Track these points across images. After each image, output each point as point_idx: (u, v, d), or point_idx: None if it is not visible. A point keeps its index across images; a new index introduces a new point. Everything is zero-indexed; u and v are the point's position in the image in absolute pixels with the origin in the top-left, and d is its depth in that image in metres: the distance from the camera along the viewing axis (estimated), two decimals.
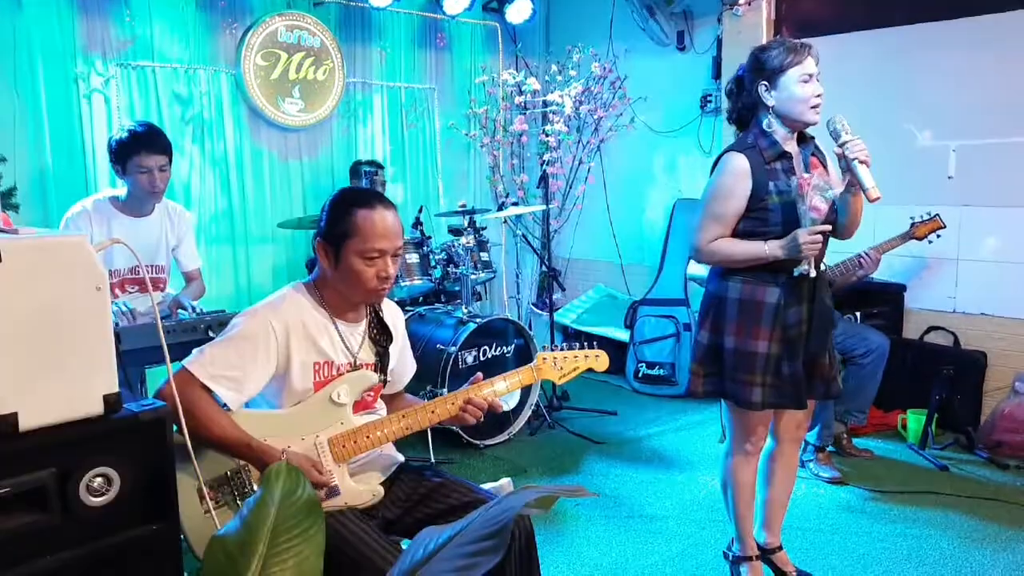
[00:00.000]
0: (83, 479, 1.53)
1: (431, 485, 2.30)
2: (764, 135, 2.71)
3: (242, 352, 2.10)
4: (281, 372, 2.16)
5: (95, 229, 3.42)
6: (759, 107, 2.73)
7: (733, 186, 2.69)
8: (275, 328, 2.14)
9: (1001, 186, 4.57)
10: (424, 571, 1.05)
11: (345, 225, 2.15)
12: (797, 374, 2.74)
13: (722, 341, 2.77)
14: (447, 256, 4.96)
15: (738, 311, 2.73)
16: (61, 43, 4.47)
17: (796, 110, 2.65)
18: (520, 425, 4.73)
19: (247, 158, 5.26)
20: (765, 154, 2.68)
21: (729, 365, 2.76)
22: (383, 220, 2.17)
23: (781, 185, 2.67)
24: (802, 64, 2.63)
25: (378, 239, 2.15)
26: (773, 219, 2.67)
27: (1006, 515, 3.65)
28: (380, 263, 2.18)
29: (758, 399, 2.72)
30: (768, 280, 2.70)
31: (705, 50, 5.84)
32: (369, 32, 5.81)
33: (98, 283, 1.57)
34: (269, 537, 1.27)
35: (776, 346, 2.71)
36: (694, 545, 3.44)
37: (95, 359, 1.56)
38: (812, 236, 2.58)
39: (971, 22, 4.60)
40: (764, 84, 2.67)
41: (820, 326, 2.76)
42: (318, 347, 2.21)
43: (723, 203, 2.72)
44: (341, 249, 2.16)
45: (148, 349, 2.86)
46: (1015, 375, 4.51)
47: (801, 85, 2.63)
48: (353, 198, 2.21)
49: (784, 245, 2.62)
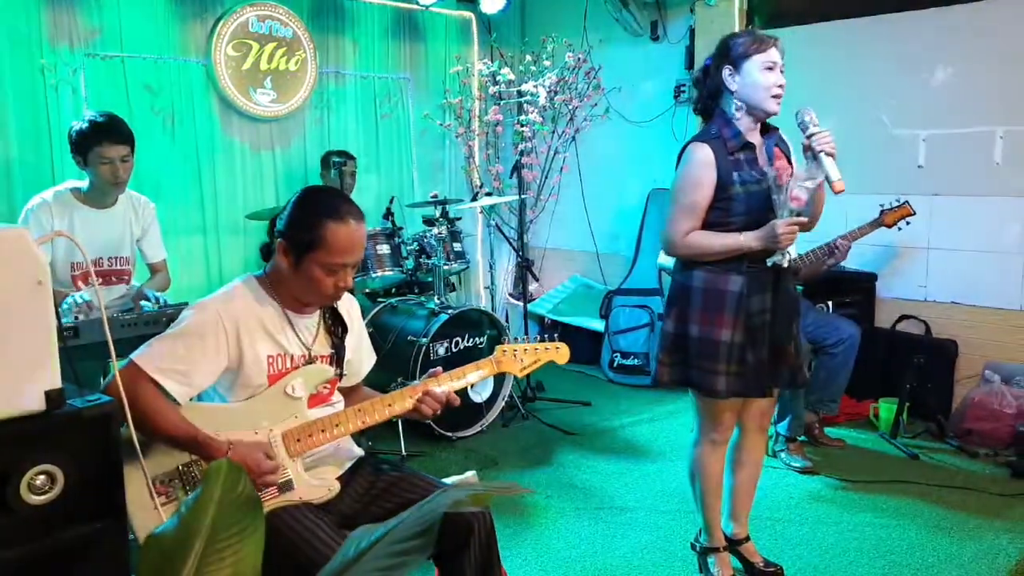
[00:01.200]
0: (25, 477, 1.51)
1: (390, 479, 2.27)
2: (728, 125, 2.72)
3: (190, 346, 2.07)
4: (234, 366, 2.13)
5: (56, 221, 3.37)
6: (723, 93, 2.73)
7: (700, 175, 2.69)
8: (224, 321, 2.11)
9: (970, 175, 4.59)
10: (353, 570, 1.03)
11: (312, 235, 2.11)
12: (761, 362, 2.75)
13: (687, 330, 2.78)
14: (419, 247, 4.93)
15: (702, 300, 2.74)
16: (27, 32, 4.41)
17: (758, 96, 2.66)
18: (493, 416, 4.72)
19: (218, 149, 5.21)
20: (728, 144, 2.69)
21: (693, 353, 2.76)
22: (351, 235, 2.14)
23: (745, 175, 2.67)
24: (766, 52, 2.65)
25: (344, 254, 2.13)
26: (736, 209, 2.68)
27: (974, 503, 3.67)
28: (341, 273, 2.16)
29: (722, 387, 2.73)
30: (731, 269, 2.71)
31: (678, 40, 5.83)
32: (342, 22, 5.76)
33: (39, 277, 1.54)
34: (207, 535, 1.24)
35: (740, 335, 2.72)
36: (663, 536, 3.44)
37: (36, 354, 1.53)
38: (790, 227, 2.58)
39: (941, 12, 4.61)
40: (728, 68, 2.69)
41: (784, 314, 2.77)
42: (271, 339, 2.18)
43: (691, 193, 2.72)
44: (304, 256, 2.13)
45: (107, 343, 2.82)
46: (985, 364, 4.55)
47: (764, 72, 2.64)
48: (324, 207, 2.15)
49: (761, 236, 2.63)
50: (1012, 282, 4.53)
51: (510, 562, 3.19)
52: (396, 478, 2.28)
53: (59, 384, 1.55)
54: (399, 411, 2.23)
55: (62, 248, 3.42)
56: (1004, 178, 4.49)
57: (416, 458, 4.27)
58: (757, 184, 2.67)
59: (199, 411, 2.10)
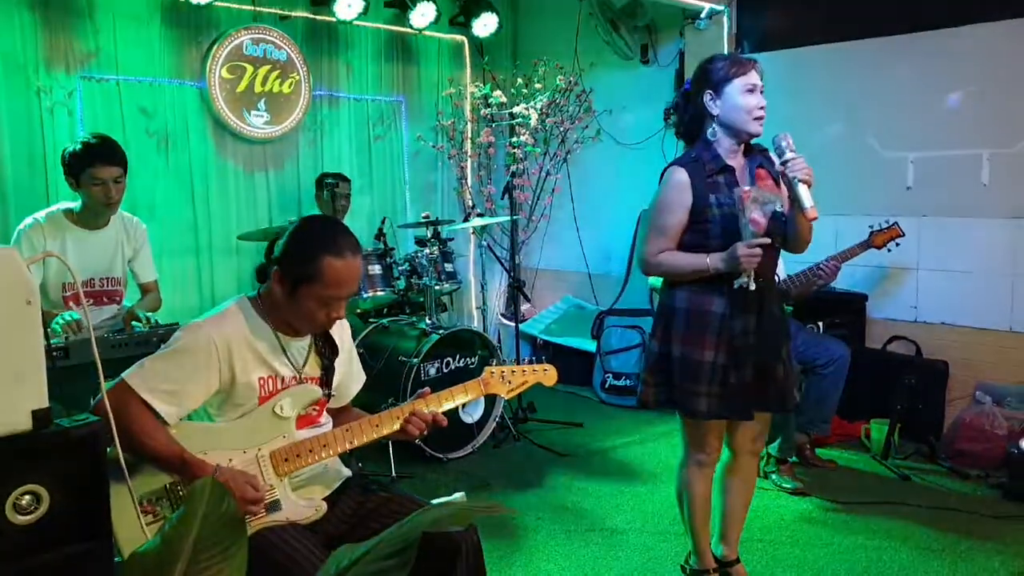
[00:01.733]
0: (10, 497, 1.50)
1: (378, 500, 2.27)
2: (707, 148, 2.74)
3: (182, 366, 2.07)
4: (225, 387, 2.14)
5: (48, 242, 3.38)
6: (704, 118, 2.75)
7: (674, 199, 2.72)
8: (216, 343, 2.11)
9: (959, 197, 4.63)
10: None
11: (310, 268, 2.11)
12: (745, 384, 2.75)
13: (670, 350, 2.78)
14: (411, 267, 4.94)
15: (686, 321, 2.75)
16: (23, 56, 4.45)
17: (740, 119, 2.68)
18: (484, 438, 4.71)
19: (212, 170, 5.24)
20: (707, 167, 2.71)
21: (676, 374, 2.76)
22: (349, 271, 2.15)
23: (722, 198, 2.69)
24: (747, 75, 2.68)
25: (339, 288, 2.15)
26: (713, 231, 2.69)
27: (966, 525, 3.67)
28: (334, 306, 2.17)
29: (703, 408, 2.73)
30: (713, 290, 2.72)
31: (668, 63, 5.89)
32: (336, 45, 5.81)
33: (28, 297, 1.54)
34: (190, 554, 1.25)
35: (723, 356, 2.72)
36: (654, 558, 3.43)
37: (24, 373, 1.53)
38: (751, 250, 2.58)
39: (929, 36, 4.67)
40: (709, 93, 2.70)
41: (768, 336, 2.77)
42: (263, 362, 2.19)
43: (665, 216, 2.75)
44: (299, 287, 2.13)
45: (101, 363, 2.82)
46: (976, 384, 4.56)
47: (745, 95, 2.67)
48: (322, 240, 2.14)
49: (724, 258, 2.64)
50: (1002, 303, 4.55)
51: None
52: (384, 499, 2.28)
53: (46, 404, 1.55)
54: (387, 432, 2.23)
55: (54, 268, 3.43)
56: (991, 199, 4.53)
57: (406, 479, 4.24)
58: (733, 207, 2.67)
59: (188, 430, 2.10)
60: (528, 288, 6.60)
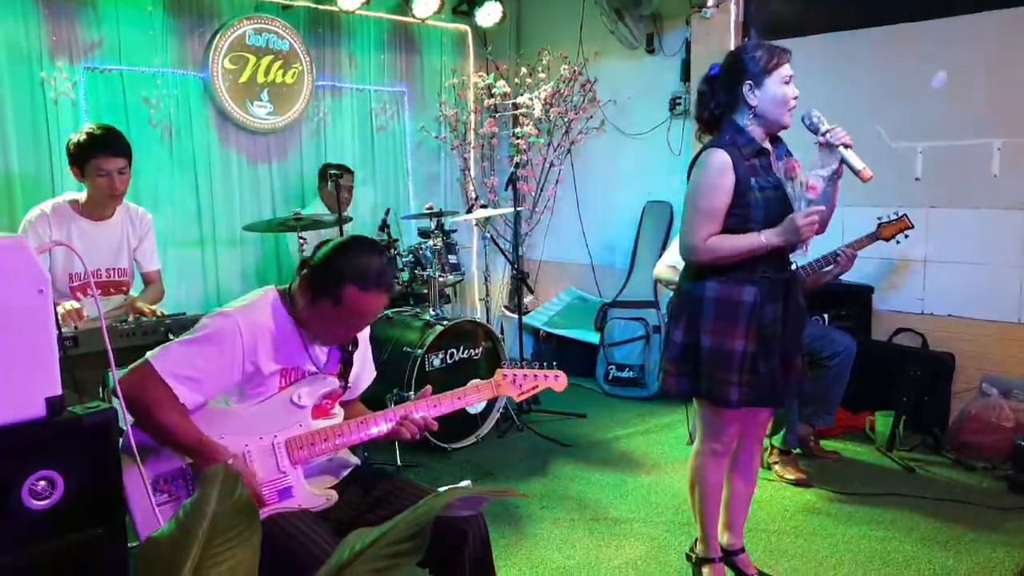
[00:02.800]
0: (26, 482, 1.51)
1: (386, 488, 2.29)
2: (740, 133, 2.73)
3: (207, 353, 2.09)
4: (247, 376, 2.15)
5: (54, 232, 3.38)
6: (738, 106, 2.74)
7: (717, 180, 2.68)
8: (243, 332, 2.13)
9: (968, 188, 4.62)
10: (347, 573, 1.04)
11: (332, 291, 2.13)
12: (773, 372, 2.76)
13: (698, 340, 2.77)
14: (415, 259, 4.95)
15: (715, 310, 2.74)
16: (27, 46, 4.44)
17: (777, 111, 2.68)
18: (488, 428, 4.72)
19: (215, 161, 5.24)
20: (743, 151, 2.70)
21: (706, 364, 2.75)
22: (369, 306, 2.17)
23: (762, 181, 2.69)
24: (785, 66, 2.69)
25: (357, 319, 2.20)
26: (755, 215, 2.68)
27: (971, 517, 3.67)
28: (353, 330, 2.24)
29: (736, 398, 2.73)
30: (745, 279, 2.72)
31: (674, 52, 5.87)
32: (338, 35, 5.80)
33: (39, 285, 1.55)
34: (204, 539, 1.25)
35: (752, 344, 2.72)
36: (658, 547, 3.44)
37: (37, 361, 1.54)
38: (809, 218, 2.60)
39: (935, 25, 4.65)
40: (749, 84, 2.69)
41: (794, 324, 2.79)
42: (285, 353, 2.20)
43: (711, 198, 2.70)
44: (323, 304, 2.16)
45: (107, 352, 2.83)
46: (982, 376, 4.55)
47: (783, 86, 2.68)
48: (355, 269, 2.14)
49: (781, 231, 2.64)
50: (1010, 295, 4.54)
51: (505, 572, 3.20)
52: (391, 487, 2.30)
53: (59, 391, 1.56)
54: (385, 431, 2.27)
55: (60, 259, 3.44)
56: (1002, 190, 4.51)
57: (412, 469, 4.27)
58: (774, 190, 2.68)
59: (206, 413, 2.12)
60: (532, 280, 6.61)
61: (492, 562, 2.20)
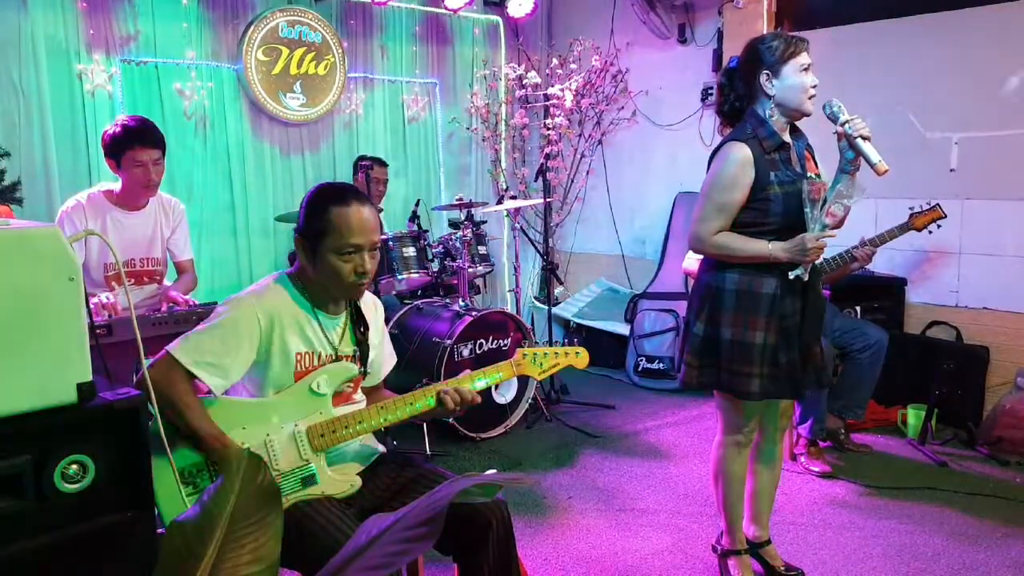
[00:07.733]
0: (58, 466, 1.56)
1: (410, 475, 2.31)
2: (762, 125, 2.72)
3: (226, 339, 2.12)
4: (263, 360, 2.18)
5: (90, 222, 3.44)
6: (758, 97, 2.74)
7: (736, 175, 2.68)
8: (260, 317, 2.16)
9: (1003, 179, 4.54)
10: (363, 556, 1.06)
11: (321, 223, 2.18)
12: (794, 363, 2.75)
13: (718, 332, 2.77)
14: (444, 249, 4.97)
15: (735, 302, 2.73)
16: (64, 40, 4.53)
17: (797, 99, 2.67)
18: (517, 418, 4.74)
19: (249, 152, 5.30)
20: (764, 144, 2.69)
21: (726, 356, 2.75)
22: (357, 216, 2.19)
23: (781, 175, 2.68)
24: (801, 55, 2.68)
25: (353, 235, 2.18)
26: (774, 209, 2.67)
27: (1004, 512, 3.62)
28: (356, 259, 2.20)
29: (756, 389, 2.72)
30: (765, 272, 2.71)
31: (706, 43, 5.83)
32: (370, 27, 5.83)
33: (71, 274, 1.58)
34: (227, 523, 1.28)
35: (773, 336, 2.71)
36: (685, 538, 3.44)
37: (69, 348, 1.57)
38: (819, 243, 2.59)
39: (973, 13, 4.57)
40: (767, 73, 2.69)
41: (813, 315, 2.77)
42: (300, 337, 2.23)
43: (726, 193, 2.70)
44: (318, 246, 2.19)
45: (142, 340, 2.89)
46: (1017, 370, 4.47)
47: (801, 75, 2.67)
48: (328, 195, 2.23)
49: (789, 248, 2.63)
50: None
51: (531, 561, 3.22)
52: (417, 474, 2.31)
53: (90, 377, 1.60)
54: (421, 409, 2.26)
55: (95, 249, 3.50)
56: None
57: (440, 458, 4.30)
58: (793, 184, 2.67)
59: (226, 404, 2.15)
60: (562, 271, 6.61)
61: (515, 550, 2.21)
